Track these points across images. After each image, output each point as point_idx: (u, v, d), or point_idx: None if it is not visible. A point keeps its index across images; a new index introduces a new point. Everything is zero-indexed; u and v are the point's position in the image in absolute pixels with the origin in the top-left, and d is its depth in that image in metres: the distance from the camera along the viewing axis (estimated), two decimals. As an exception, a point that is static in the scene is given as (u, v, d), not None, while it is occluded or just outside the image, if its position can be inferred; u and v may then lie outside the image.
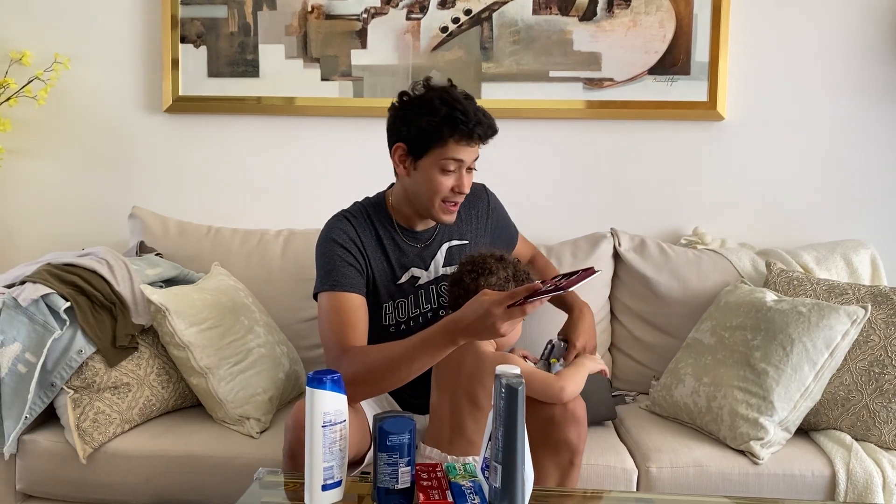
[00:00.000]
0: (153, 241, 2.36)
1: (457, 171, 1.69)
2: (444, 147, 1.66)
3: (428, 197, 1.71)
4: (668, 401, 2.03)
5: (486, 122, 1.67)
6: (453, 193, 1.71)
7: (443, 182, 1.69)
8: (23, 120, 2.55)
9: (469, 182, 1.72)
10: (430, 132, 1.66)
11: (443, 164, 1.68)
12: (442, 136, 1.65)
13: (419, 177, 1.71)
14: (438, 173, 1.68)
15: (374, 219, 1.79)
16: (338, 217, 1.80)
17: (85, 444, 1.84)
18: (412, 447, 1.30)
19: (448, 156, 1.67)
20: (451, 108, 1.64)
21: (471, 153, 1.69)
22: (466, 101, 1.67)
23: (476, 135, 1.65)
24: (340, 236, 1.74)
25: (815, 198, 2.48)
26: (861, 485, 1.76)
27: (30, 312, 1.85)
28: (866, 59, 2.43)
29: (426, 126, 1.66)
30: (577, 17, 2.44)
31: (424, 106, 1.67)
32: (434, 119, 1.65)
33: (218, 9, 2.51)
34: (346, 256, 1.72)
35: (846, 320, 1.87)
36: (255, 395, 1.96)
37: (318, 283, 1.73)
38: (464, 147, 1.67)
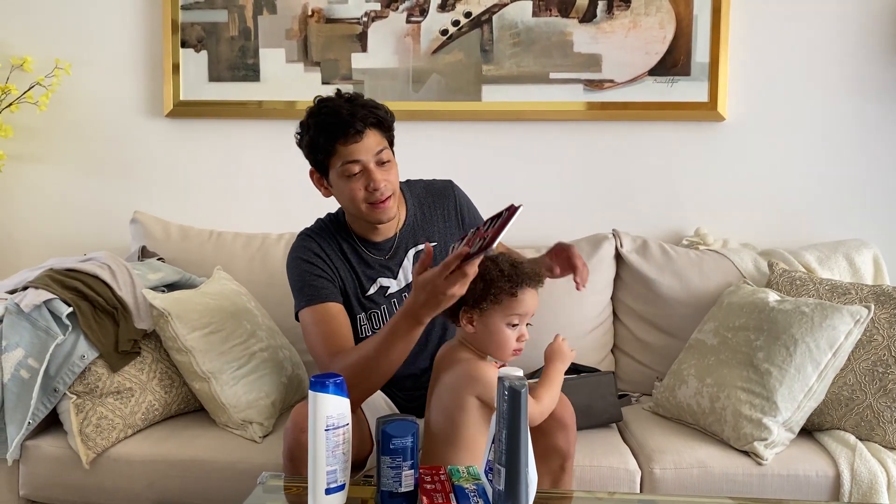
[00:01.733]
0: (155, 246, 2.36)
1: (363, 172, 1.66)
2: (335, 154, 1.65)
3: (353, 207, 1.70)
4: (672, 402, 2.03)
5: (363, 113, 1.63)
6: (370, 193, 1.66)
7: (354, 188, 1.66)
8: (24, 126, 2.55)
9: (382, 177, 1.66)
10: (315, 148, 1.67)
11: (343, 170, 1.65)
12: (325, 147, 1.65)
13: (336, 192, 1.72)
14: (346, 182, 1.66)
15: (336, 234, 1.79)
16: (301, 237, 1.80)
17: (88, 450, 1.84)
18: (415, 450, 1.30)
19: (343, 160, 1.65)
20: (318, 117, 1.65)
21: (364, 149, 1.64)
22: (337, 100, 1.65)
23: (354, 129, 1.62)
24: (306, 253, 1.75)
25: (816, 197, 2.47)
26: (866, 485, 1.75)
27: (32, 318, 1.85)
28: (867, 58, 2.42)
29: (309, 144, 1.68)
30: (577, 19, 2.44)
31: (303, 126, 1.70)
32: (310, 134, 1.66)
33: (218, 13, 2.52)
34: (314, 270, 1.72)
35: (849, 320, 1.87)
36: (257, 399, 1.96)
37: (295, 303, 1.74)
38: (352, 146, 1.64)
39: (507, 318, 1.53)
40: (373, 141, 1.66)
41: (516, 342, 1.55)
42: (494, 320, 1.54)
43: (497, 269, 1.53)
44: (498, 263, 1.55)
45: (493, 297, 1.52)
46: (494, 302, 1.52)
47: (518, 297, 1.52)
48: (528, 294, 1.54)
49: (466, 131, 2.49)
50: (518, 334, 1.55)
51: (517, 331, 1.55)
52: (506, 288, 1.51)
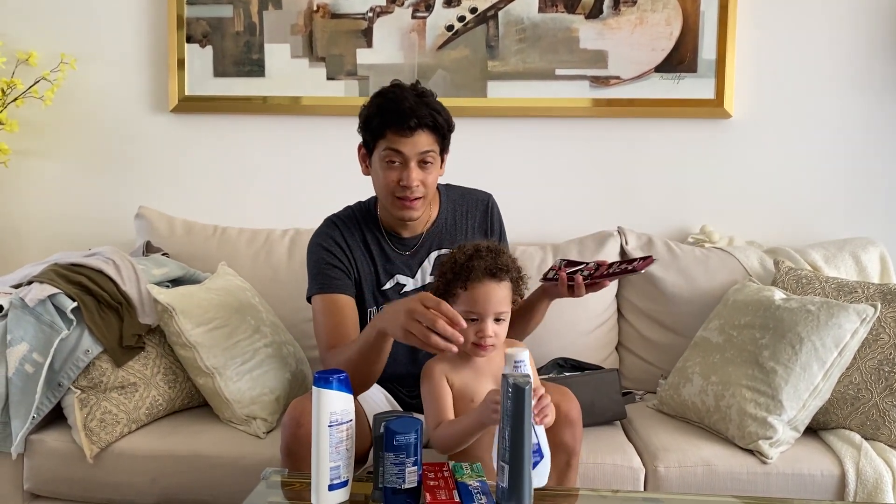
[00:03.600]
0: (159, 241, 2.36)
1: (401, 165, 1.67)
2: (384, 139, 1.67)
3: (382, 194, 1.72)
4: (676, 400, 2.02)
5: (424, 112, 1.64)
6: (400, 188, 1.67)
7: (387, 176, 1.68)
8: (30, 120, 2.55)
9: (418, 177, 1.67)
10: (368, 125, 1.69)
11: (384, 156, 1.68)
12: (377, 128, 1.67)
13: (373, 175, 1.74)
14: (384, 167, 1.68)
15: (362, 223, 1.80)
16: (326, 222, 1.82)
17: (92, 444, 1.84)
18: (419, 447, 1.30)
19: (388, 146, 1.66)
20: (384, 99, 1.66)
21: (412, 144, 1.65)
22: (410, 94, 1.66)
23: (407, 125, 1.63)
24: (326, 241, 1.77)
25: (823, 195, 2.46)
26: (871, 484, 1.74)
27: (37, 312, 1.85)
28: (875, 55, 2.41)
29: (364, 121, 1.70)
30: (583, 15, 2.43)
31: (369, 101, 1.71)
32: (369, 111, 1.68)
33: (224, 8, 2.51)
34: (331, 259, 1.74)
35: (855, 319, 1.86)
36: (261, 395, 1.96)
37: (308, 287, 1.78)
38: (401, 138, 1.65)
39: (463, 313, 1.45)
40: (423, 140, 1.67)
41: (475, 337, 1.48)
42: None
43: (451, 262, 1.51)
44: (456, 255, 1.52)
45: (450, 290, 1.51)
46: (451, 296, 1.50)
47: (469, 291, 1.48)
48: (480, 289, 1.48)
49: (471, 127, 2.47)
50: (476, 329, 1.48)
51: (475, 326, 1.48)
52: (457, 282, 1.49)
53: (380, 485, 1.31)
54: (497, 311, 1.50)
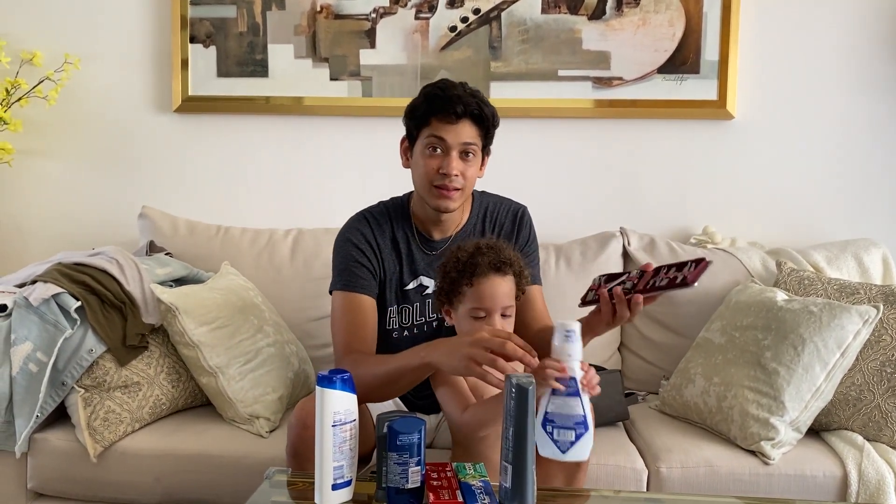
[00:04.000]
0: (163, 241, 2.36)
1: (443, 153, 1.67)
2: (428, 127, 1.67)
3: (421, 183, 1.71)
4: (679, 400, 2.03)
5: (470, 101, 1.65)
6: (440, 176, 1.66)
7: (429, 164, 1.67)
8: (33, 120, 2.56)
9: (460, 166, 1.66)
10: (414, 112, 1.69)
11: (426, 143, 1.67)
12: (423, 114, 1.67)
13: (413, 166, 1.73)
14: (425, 155, 1.68)
15: (394, 220, 1.78)
16: (358, 217, 1.80)
17: (95, 443, 1.84)
18: (422, 447, 1.30)
19: (431, 133, 1.66)
20: (430, 87, 1.68)
21: (455, 133, 1.65)
22: (457, 86, 1.67)
23: (453, 110, 1.63)
24: (356, 236, 1.75)
25: (825, 197, 2.46)
26: (873, 485, 1.75)
27: (41, 312, 1.85)
28: (878, 56, 2.41)
29: (410, 109, 1.70)
30: (585, 16, 2.44)
31: (419, 94, 1.72)
32: (417, 100, 1.69)
33: (227, 9, 2.52)
34: (359, 257, 1.72)
35: (858, 320, 1.86)
36: (264, 394, 1.96)
37: (332, 281, 1.75)
38: (445, 125, 1.65)
39: (470, 310, 1.49)
40: (466, 131, 1.67)
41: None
42: (461, 313, 1.51)
43: (454, 259, 1.51)
44: (458, 252, 1.52)
45: (454, 289, 1.50)
46: (457, 295, 1.50)
47: (475, 287, 1.48)
48: (486, 284, 1.48)
49: (474, 128, 2.49)
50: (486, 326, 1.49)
51: (484, 323, 1.49)
52: (462, 279, 1.49)
53: (383, 485, 1.31)
54: (503, 305, 1.50)
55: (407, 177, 2.51)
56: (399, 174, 2.55)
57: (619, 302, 1.46)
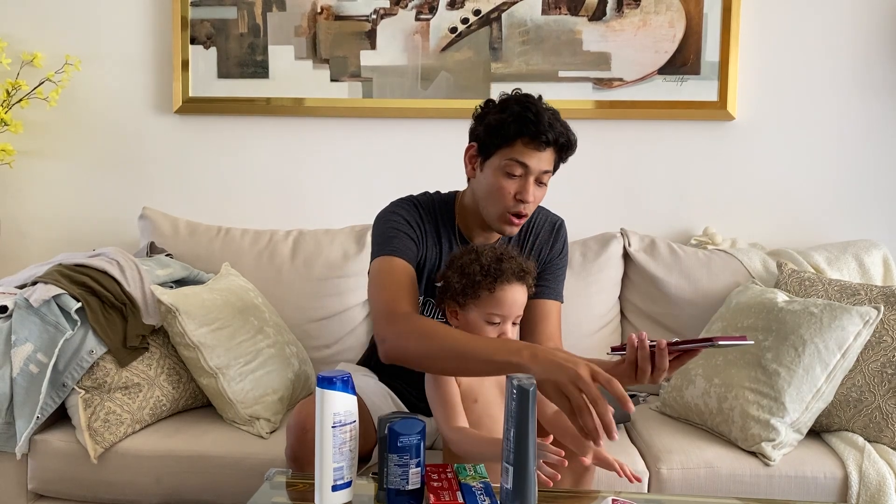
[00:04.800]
0: (163, 242, 2.36)
1: (522, 178, 1.61)
2: (511, 148, 1.60)
3: (490, 202, 1.65)
4: (679, 402, 2.02)
5: (560, 129, 1.61)
6: (515, 202, 1.62)
7: (505, 186, 1.61)
8: (34, 121, 2.56)
9: (534, 193, 1.62)
10: (499, 129, 1.61)
11: (507, 165, 1.61)
12: (509, 134, 1.60)
13: (483, 179, 1.66)
14: (502, 176, 1.61)
15: (439, 215, 1.75)
16: (406, 199, 1.75)
17: (96, 444, 1.84)
18: (422, 448, 1.30)
19: (513, 157, 1.60)
20: (524, 108, 1.60)
21: (538, 160, 1.61)
22: (545, 109, 1.61)
23: (544, 138, 1.58)
24: (409, 212, 1.70)
25: (826, 198, 2.46)
26: (874, 487, 1.74)
27: (41, 313, 1.86)
28: (878, 57, 2.41)
29: (496, 123, 1.62)
30: (586, 17, 2.44)
31: (500, 105, 1.65)
32: (504, 116, 1.61)
33: (228, 10, 2.52)
34: (408, 230, 1.68)
35: (858, 321, 1.86)
36: (265, 395, 1.96)
37: (375, 251, 1.68)
38: (531, 151, 1.59)
39: (485, 315, 1.49)
40: (548, 158, 1.63)
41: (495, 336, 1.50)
42: (474, 316, 1.51)
43: (478, 264, 1.49)
44: (480, 257, 1.50)
45: (473, 293, 1.49)
46: (473, 297, 1.49)
47: (496, 293, 1.48)
48: (508, 292, 1.48)
49: (475, 129, 2.49)
50: (499, 332, 1.50)
51: (497, 329, 1.50)
52: (485, 283, 1.48)
53: (384, 486, 1.31)
54: (517, 314, 1.52)
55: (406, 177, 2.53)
56: (401, 174, 2.56)
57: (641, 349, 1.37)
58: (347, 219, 2.45)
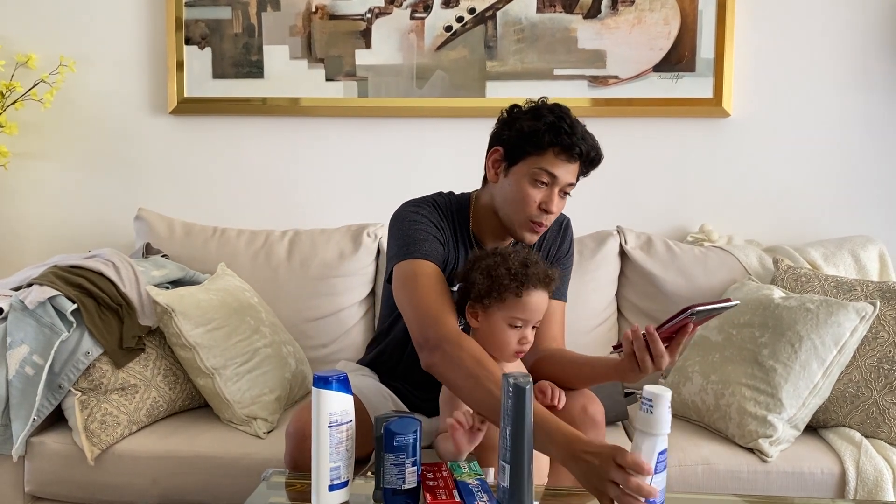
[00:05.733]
0: (159, 243, 2.36)
1: (549, 188, 1.60)
2: (541, 156, 1.58)
3: (514, 209, 1.63)
4: (676, 399, 2.02)
5: (591, 143, 1.60)
6: (539, 211, 1.60)
7: (531, 194, 1.59)
8: (29, 123, 2.56)
9: (559, 204, 1.62)
10: (531, 136, 1.59)
11: (535, 174, 1.59)
12: (542, 143, 1.58)
13: (508, 185, 1.63)
14: (528, 184, 1.59)
15: (456, 217, 1.73)
16: (424, 199, 1.72)
17: (93, 446, 1.84)
18: (417, 447, 1.30)
19: (542, 166, 1.58)
20: (559, 119, 1.59)
21: (567, 171, 1.59)
22: (576, 119, 1.61)
23: (577, 150, 1.57)
24: (431, 213, 1.67)
25: (822, 194, 2.47)
26: (871, 482, 1.75)
27: (37, 315, 1.85)
28: (873, 53, 2.41)
29: (528, 130, 1.59)
30: (581, 15, 2.44)
31: (532, 112, 1.63)
32: (538, 123, 1.59)
33: (222, 10, 2.52)
34: (435, 233, 1.65)
35: (855, 317, 1.86)
36: (261, 395, 1.96)
37: (399, 254, 1.62)
38: (562, 162, 1.58)
39: (509, 318, 1.49)
40: (574, 170, 1.62)
41: (517, 344, 1.51)
42: (496, 319, 1.50)
43: (505, 267, 1.48)
44: (507, 260, 1.50)
45: (497, 294, 1.48)
46: (498, 300, 1.49)
47: (523, 298, 1.48)
48: (534, 296, 1.49)
49: (470, 128, 2.48)
50: (520, 336, 1.51)
51: (518, 332, 1.50)
52: (511, 287, 1.47)
53: (380, 485, 1.31)
54: (540, 319, 1.52)
55: (402, 176, 2.53)
56: (398, 173, 2.56)
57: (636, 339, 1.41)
58: (343, 218, 2.45)
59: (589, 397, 1.59)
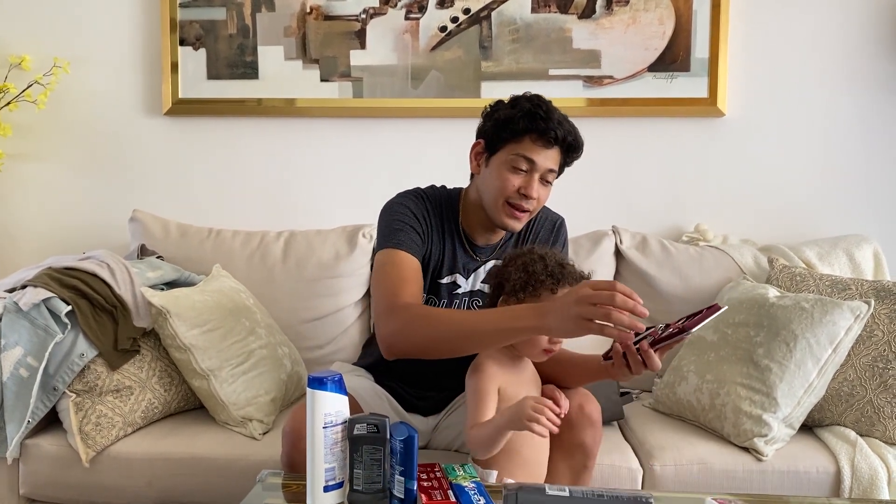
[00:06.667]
0: (154, 244, 2.36)
1: (527, 174, 1.62)
2: (519, 143, 1.61)
3: (493, 195, 1.65)
4: (672, 398, 2.03)
5: (568, 128, 1.62)
6: (518, 195, 1.62)
7: (509, 179, 1.62)
8: (23, 124, 2.55)
9: (538, 191, 1.63)
10: (507, 123, 1.63)
11: (513, 160, 1.61)
12: (518, 129, 1.61)
13: (488, 173, 1.66)
14: (507, 170, 1.62)
15: (444, 211, 1.74)
16: (413, 191, 1.75)
17: (87, 448, 1.84)
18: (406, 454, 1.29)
19: (520, 152, 1.61)
20: (535, 106, 1.61)
21: (545, 157, 1.62)
22: (555, 108, 1.63)
23: (552, 134, 1.59)
24: (416, 205, 1.70)
25: (816, 193, 2.47)
26: (866, 480, 1.75)
27: (31, 317, 1.85)
28: (866, 53, 2.42)
29: (504, 118, 1.63)
30: (575, 15, 2.44)
31: (510, 102, 1.66)
32: (514, 111, 1.63)
33: (216, 11, 2.51)
34: (414, 223, 1.68)
35: (849, 316, 1.86)
36: (257, 396, 1.96)
37: (380, 242, 1.68)
38: (539, 148, 1.61)
39: None
40: (554, 157, 1.64)
41: (548, 343, 1.50)
42: None
43: (542, 264, 1.49)
44: (545, 258, 1.50)
45: (533, 290, 1.48)
46: (532, 295, 1.48)
47: (556, 295, 1.47)
48: None
49: (466, 128, 2.45)
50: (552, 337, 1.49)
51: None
52: (547, 283, 1.47)
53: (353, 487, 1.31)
54: None
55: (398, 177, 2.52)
56: (393, 173, 2.56)
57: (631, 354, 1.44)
58: (339, 219, 2.45)
59: (586, 396, 1.60)
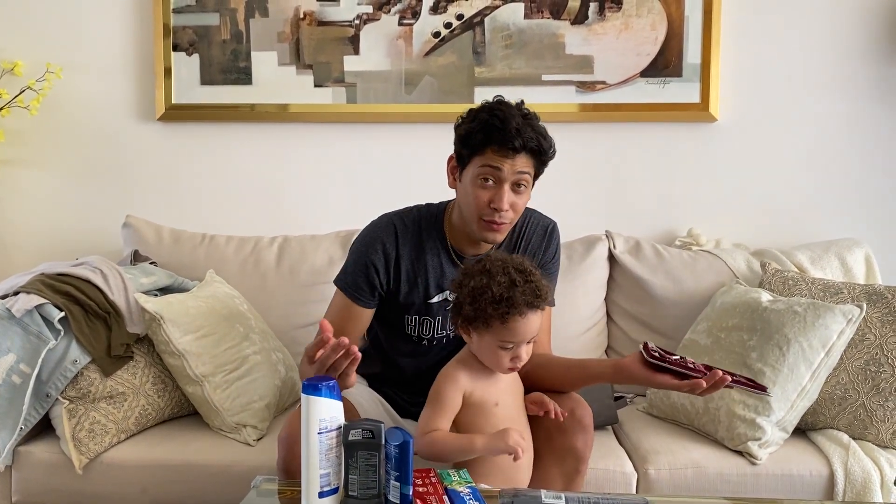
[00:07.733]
0: (147, 250, 2.35)
1: (497, 185, 1.58)
2: (483, 156, 1.58)
3: (468, 212, 1.62)
4: (666, 402, 2.03)
5: (530, 134, 1.57)
6: (490, 210, 1.58)
7: (480, 195, 1.58)
8: (15, 130, 2.54)
9: (509, 201, 1.59)
10: (467, 139, 1.61)
11: (480, 173, 1.58)
12: (477, 144, 1.59)
13: (462, 189, 1.64)
14: (476, 185, 1.59)
15: (424, 232, 1.72)
16: (386, 222, 1.73)
17: (80, 455, 1.83)
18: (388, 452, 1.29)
19: (486, 163, 1.58)
20: (491, 116, 1.58)
21: (511, 165, 1.57)
22: (516, 114, 1.59)
23: (511, 145, 1.56)
24: (376, 247, 1.69)
25: (808, 197, 2.48)
26: (859, 484, 1.76)
27: (24, 323, 1.84)
28: (857, 58, 2.44)
29: (465, 133, 1.61)
30: (568, 21, 2.45)
31: (468, 115, 1.64)
32: (473, 125, 1.60)
33: (210, 16, 2.51)
34: (369, 273, 1.68)
35: (842, 319, 1.87)
36: (251, 402, 1.95)
37: (340, 273, 1.73)
38: (501, 158, 1.56)
39: (498, 342, 1.45)
40: (522, 162, 1.60)
41: (510, 362, 1.48)
42: (487, 341, 1.47)
43: (490, 292, 1.43)
44: (492, 283, 1.44)
45: (483, 322, 1.45)
46: (484, 326, 1.45)
47: (508, 325, 1.44)
48: (521, 323, 1.44)
49: (459, 133, 2.49)
50: (512, 355, 1.47)
51: (511, 352, 1.47)
52: (495, 315, 1.43)
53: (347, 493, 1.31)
54: (533, 335, 1.48)
55: (391, 182, 2.53)
56: (386, 179, 2.56)
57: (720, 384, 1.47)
58: (332, 224, 2.45)
59: (577, 401, 1.60)
